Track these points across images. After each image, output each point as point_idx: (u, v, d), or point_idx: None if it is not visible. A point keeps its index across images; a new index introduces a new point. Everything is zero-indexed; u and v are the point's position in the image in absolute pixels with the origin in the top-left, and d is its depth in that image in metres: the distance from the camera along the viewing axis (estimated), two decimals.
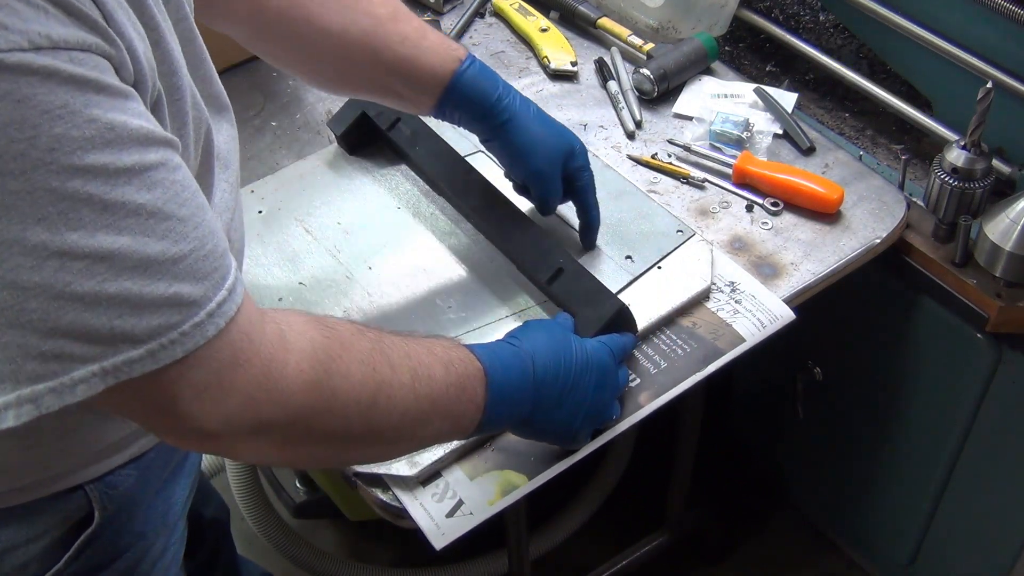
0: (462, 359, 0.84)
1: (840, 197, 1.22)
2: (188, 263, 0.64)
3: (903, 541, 1.61)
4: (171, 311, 0.63)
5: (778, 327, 1.11)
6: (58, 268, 0.59)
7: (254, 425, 0.70)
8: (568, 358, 0.92)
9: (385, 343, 0.79)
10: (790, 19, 1.56)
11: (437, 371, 0.81)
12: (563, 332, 0.95)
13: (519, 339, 0.92)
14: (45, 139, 0.57)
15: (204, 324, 0.65)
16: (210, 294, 0.65)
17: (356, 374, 0.74)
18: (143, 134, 0.62)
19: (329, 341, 0.74)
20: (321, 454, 0.79)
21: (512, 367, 0.88)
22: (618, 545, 1.74)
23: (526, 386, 0.88)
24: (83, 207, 0.59)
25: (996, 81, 1.16)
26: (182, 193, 0.64)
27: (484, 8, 1.58)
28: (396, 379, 0.77)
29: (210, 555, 1.32)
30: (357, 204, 1.26)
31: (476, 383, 0.84)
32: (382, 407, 0.76)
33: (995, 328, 1.21)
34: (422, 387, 0.79)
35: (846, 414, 1.57)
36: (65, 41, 0.57)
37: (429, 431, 0.83)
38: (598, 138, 1.35)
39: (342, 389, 0.73)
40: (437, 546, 0.96)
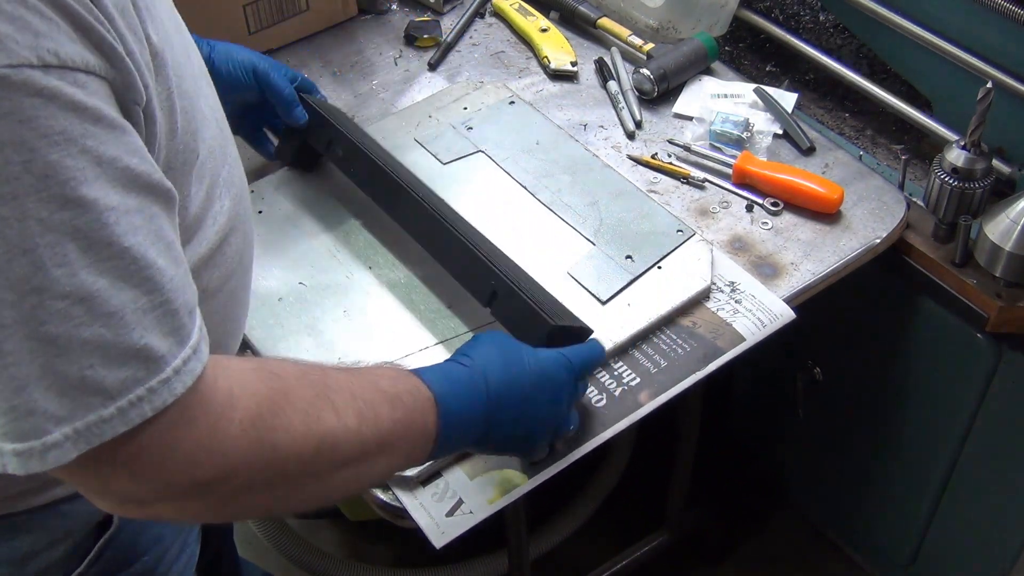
0: (410, 391, 0.81)
1: (840, 197, 1.22)
2: (160, 314, 0.62)
3: (903, 541, 1.61)
4: (139, 365, 0.61)
5: (778, 327, 1.11)
6: (36, 306, 0.57)
7: (190, 486, 0.66)
8: (521, 373, 0.89)
9: (330, 385, 0.76)
10: (790, 19, 1.56)
11: (384, 410, 0.78)
12: (515, 345, 0.93)
13: (470, 356, 0.89)
14: (40, 164, 0.55)
15: (171, 382, 0.62)
16: (175, 351, 0.63)
17: (298, 427, 0.71)
18: (134, 174, 0.60)
19: (273, 393, 0.71)
20: (260, 508, 0.76)
21: (463, 390, 0.85)
22: (618, 545, 1.74)
23: (478, 407, 0.86)
24: (70, 242, 0.57)
25: (996, 81, 1.16)
26: (160, 242, 0.62)
27: (484, 8, 1.58)
28: (341, 425, 0.74)
29: (212, 558, 1.32)
30: (357, 203, 1.26)
31: (426, 414, 0.82)
32: (325, 457, 0.74)
33: (995, 328, 1.21)
34: (368, 429, 0.76)
35: (846, 414, 1.57)
36: (72, 61, 0.56)
37: (378, 469, 0.80)
38: (598, 138, 1.35)
39: (283, 444, 0.70)
40: (437, 545, 0.96)
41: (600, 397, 1.05)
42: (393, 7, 1.60)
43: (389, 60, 1.50)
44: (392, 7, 1.60)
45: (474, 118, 1.35)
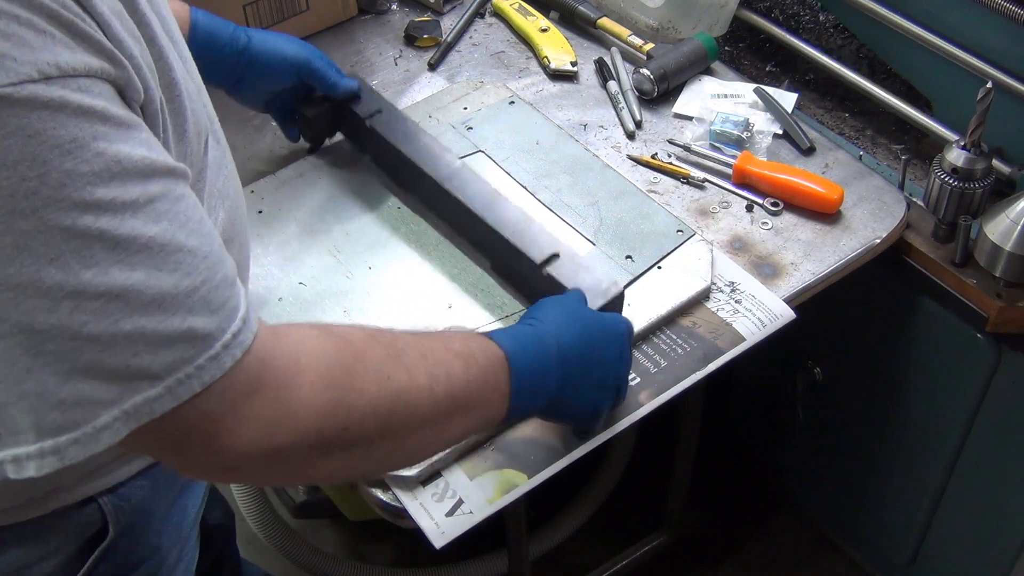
0: (482, 350, 0.82)
1: (840, 197, 1.22)
2: (201, 295, 0.63)
3: (903, 541, 1.61)
4: (186, 345, 0.62)
5: (778, 326, 1.11)
6: (73, 309, 0.58)
7: (270, 452, 0.68)
8: (590, 333, 0.90)
9: (399, 347, 0.76)
10: (790, 19, 1.56)
11: (456, 368, 0.78)
12: (579, 306, 0.94)
13: (538, 319, 0.90)
14: (55, 175, 0.56)
15: (220, 356, 0.63)
16: (224, 325, 0.64)
17: (371, 388, 0.72)
18: (147, 164, 0.61)
19: (342, 356, 0.72)
20: (343, 471, 0.76)
21: (534, 350, 0.85)
22: (618, 545, 1.74)
23: (550, 367, 0.86)
24: (95, 244, 0.58)
25: (996, 81, 1.16)
26: (188, 223, 0.63)
27: (484, 8, 1.58)
28: (413, 384, 0.75)
29: (214, 561, 1.32)
30: (357, 203, 1.26)
31: (499, 373, 0.82)
32: (400, 416, 0.74)
33: (995, 328, 1.21)
34: (441, 388, 0.77)
35: (846, 414, 1.57)
36: (73, 68, 0.56)
37: (455, 430, 0.81)
38: (598, 138, 1.35)
39: (358, 405, 0.71)
40: (437, 545, 0.96)
41: None
42: (393, 7, 1.60)
43: (389, 60, 1.50)
44: (392, 7, 1.60)
45: (474, 118, 1.35)
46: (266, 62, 1.17)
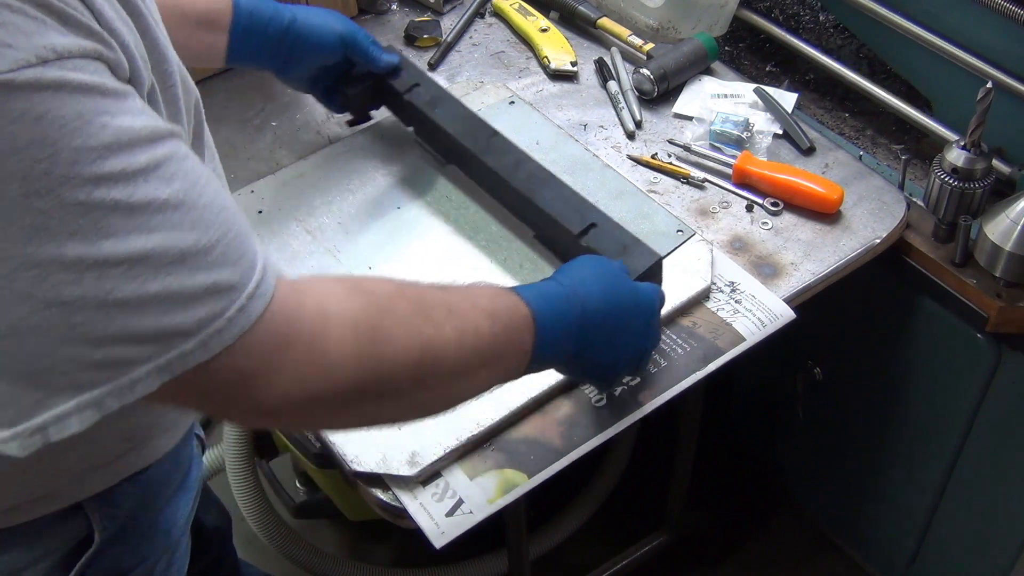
0: (508, 308, 0.83)
1: (840, 197, 1.22)
2: (221, 249, 0.64)
3: (903, 541, 1.61)
4: (213, 299, 0.63)
5: (778, 326, 1.11)
6: (98, 277, 0.59)
7: (307, 400, 0.70)
8: (619, 296, 0.91)
9: (427, 301, 0.78)
10: (790, 19, 1.56)
11: (483, 323, 0.80)
12: (615, 271, 0.95)
13: (569, 276, 0.91)
14: (66, 154, 0.57)
15: (247, 307, 0.65)
16: (247, 276, 0.65)
17: (401, 338, 0.74)
18: (151, 130, 0.62)
19: (370, 307, 0.74)
20: (374, 416, 0.79)
21: (559, 308, 0.87)
22: (618, 545, 1.74)
23: (572, 326, 0.88)
24: (112, 214, 0.59)
25: (996, 81, 1.16)
26: (198, 181, 0.64)
27: (484, 8, 1.58)
28: (440, 337, 0.76)
29: (211, 563, 1.32)
30: (357, 203, 1.26)
31: (523, 330, 0.84)
32: (428, 366, 0.76)
33: (995, 328, 1.21)
34: (468, 341, 0.78)
35: (846, 414, 1.57)
36: (68, 51, 0.57)
37: (477, 382, 0.83)
38: (598, 138, 1.35)
39: (387, 355, 0.73)
40: (437, 545, 0.96)
41: (600, 397, 1.05)
42: (393, 7, 1.60)
43: None
44: (392, 7, 1.60)
45: None
46: (314, 39, 1.19)
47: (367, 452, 1.00)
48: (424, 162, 1.30)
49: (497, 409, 1.03)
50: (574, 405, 1.05)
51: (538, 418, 1.04)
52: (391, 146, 1.33)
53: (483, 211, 1.24)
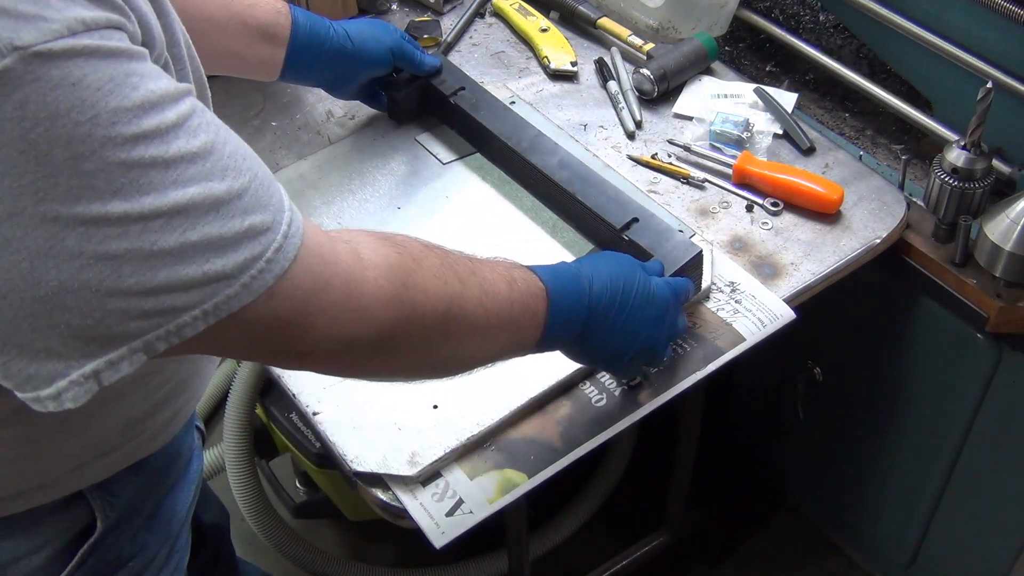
0: (524, 278, 0.87)
1: (840, 197, 1.22)
2: (252, 193, 0.66)
3: (903, 541, 1.61)
4: (251, 242, 0.66)
5: (778, 327, 1.11)
6: (142, 231, 0.61)
7: (343, 342, 0.73)
8: (628, 287, 0.93)
9: (452, 259, 0.82)
10: (790, 19, 1.56)
11: (502, 287, 0.84)
12: (631, 264, 0.97)
13: (581, 262, 0.95)
14: (105, 115, 0.59)
15: (284, 247, 0.67)
16: (278, 217, 0.68)
17: (431, 287, 0.77)
18: (173, 88, 0.64)
19: (401, 257, 0.76)
20: (405, 364, 0.81)
21: (570, 286, 0.90)
22: (618, 545, 1.74)
23: (580, 307, 0.90)
24: (150, 171, 0.61)
25: (996, 81, 1.16)
26: (220, 130, 0.67)
27: (484, 8, 1.58)
28: (466, 292, 0.80)
29: (209, 559, 1.32)
30: (357, 203, 1.26)
31: (538, 301, 0.87)
32: (455, 317, 0.79)
33: (995, 328, 1.21)
34: (489, 301, 0.82)
35: (846, 414, 1.57)
36: (96, 22, 0.60)
37: (496, 345, 0.86)
38: (598, 138, 1.35)
39: (419, 301, 0.76)
40: (437, 545, 0.96)
41: (600, 397, 1.05)
42: (393, 7, 1.60)
43: None
44: (392, 7, 1.60)
45: None
46: (368, 55, 1.23)
47: (367, 452, 1.00)
48: (424, 162, 1.31)
49: (497, 409, 1.03)
50: (574, 405, 1.05)
51: (538, 418, 1.04)
52: (391, 146, 1.33)
53: (483, 211, 1.24)
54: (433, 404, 1.04)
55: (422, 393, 1.05)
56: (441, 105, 1.32)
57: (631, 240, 1.12)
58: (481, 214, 1.24)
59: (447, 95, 1.30)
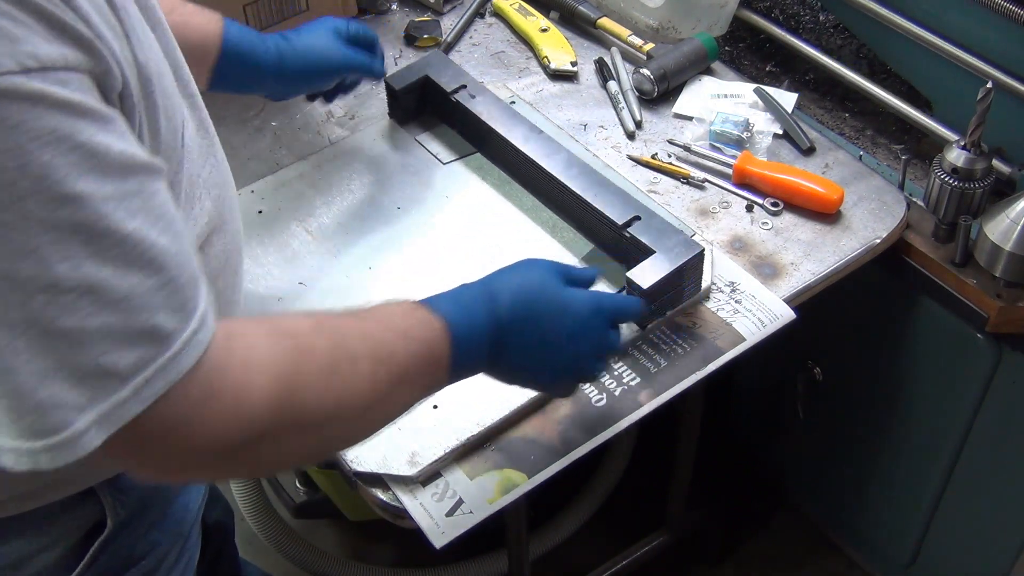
0: (421, 323, 0.82)
1: (840, 197, 1.22)
2: (166, 293, 0.63)
3: (903, 541, 1.61)
4: (149, 344, 0.62)
5: (778, 327, 1.11)
6: (46, 303, 0.58)
7: (224, 451, 0.69)
8: (539, 299, 0.89)
9: (343, 332, 0.77)
10: (790, 19, 1.56)
11: (397, 346, 0.79)
12: (544, 272, 0.91)
13: (491, 276, 0.90)
14: (35, 167, 0.56)
15: (180, 355, 0.63)
16: (184, 324, 0.64)
17: (320, 382, 0.73)
18: (126, 159, 0.61)
19: (290, 353, 0.72)
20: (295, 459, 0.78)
21: (474, 311, 0.85)
22: (618, 545, 1.73)
23: (486, 328, 0.86)
24: (71, 237, 0.58)
25: (996, 81, 1.16)
26: (160, 220, 0.63)
27: (484, 8, 1.58)
28: (358, 371, 0.76)
29: (212, 559, 1.32)
30: (357, 203, 1.26)
31: (439, 343, 0.82)
32: (347, 404, 0.76)
33: (995, 328, 1.21)
34: (384, 369, 0.78)
35: (846, 414, 1.57)
36: (52, 62, 0.57)
37: (398, 403, 0.82)
38: (598, 138, 1.35)
39: (308, 400, 0.72)
40: (437, 545, 0.96)
41: (600, 397, 1.05)
42: (393, 7, 1.60)
43: (389, 60, 1.49)
44: (392, 7, 1.60)
45: None
46: (304, 74, 1.18)
47: (367, 452, 1.00)
48: (424, 162, 1.31)
49: (497, 409, 1.03)
50: (574, 405, 1.05)
51: (538, 418, 1.04)
52: (391, 146, 1.33)
53: (483, 211, 1.24)
54: (433, 404, 1.04)
55: None
56: (442, 103, 1.32)
57: (633, 237, 1.11)
58: (481, 214, 1.24)
59: (448, 93, 1.30)
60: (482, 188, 1.27)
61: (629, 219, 1.13)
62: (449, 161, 1.30)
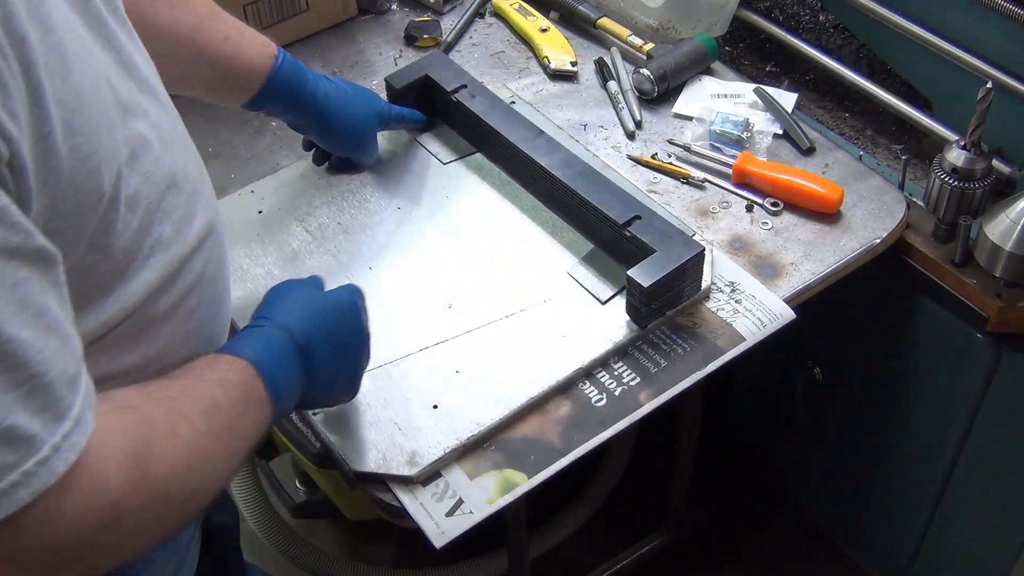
0: (229, 368, 0.81)
1: (840, 197, 1.22)
2: (24, 391, 0.58)
3: (903, 542, 1.61)
4: (8, 448, 0.57)
5: (778, 326, 1.11)
6: None
7: (88, 540, 0.65)
8: (325, 315, 0.92)
9: (170, 395, 0.75)
10: (790, 19, 1.56)
11: (218, 396, 0.78)
12: (307, 292, 0.95)
13: (263, 316, 0.90)
14: None
15: (51, 460, 0.59)
16: (51, 427, 0.59)
17: (168, 450, 0.71)
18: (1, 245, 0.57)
19: (136, 427, 0.69)
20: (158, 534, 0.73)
21: (269, 343, 0.86)
22: (618, 545, 1.74)
23: (290, 355, 0.87)
24: None
25: (996, 81, 1.16)
26: (24, 313, 0.58)
27: (484, 8, 1.58)
28: (196, 430, 0.74)
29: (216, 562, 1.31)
30: (357, 203, 1.26)
31: (254, 383, 0.82)
32: (196, 466, 0.74)
33: (995, 328, 1.21)
34: (215, 423, 0.76)
35: (846, 414, 1.57)
36: None
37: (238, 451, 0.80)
38: (598, 138, 1.35)
39: (162, 472, 0.70)
40: (437, 545, 0.96)
41: (600, 397, 1.05)
42: (393, 7, 1.60)
43: (389, 60, 1.50)
44: (392, 7, 1.60)
45: None
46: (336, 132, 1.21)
47: (367, 452, 1.00)
48: (424, 162, 1.31)
49: (497, 409, 1.03)
50: (574, 405, 1.05)
51: (538, 418, 1.04)
52: (391, 146, 1.33)
53: (482, 210, 1.24)
54: (433, 404, 1.04)
55: (422, 393, 1.05)
56: (442, 103, 1.32)
57: (633, 236, 1.12)
58: (481, 214, 1.24)
59: (449, 92, 1.30)
60: (482, 188, 1.27)
61: (629, 219, 1.13)
62: (449, 161, 1.30)
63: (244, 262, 1.19)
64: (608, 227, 1.15)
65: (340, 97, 1.19)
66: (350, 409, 1.04)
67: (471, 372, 1.07)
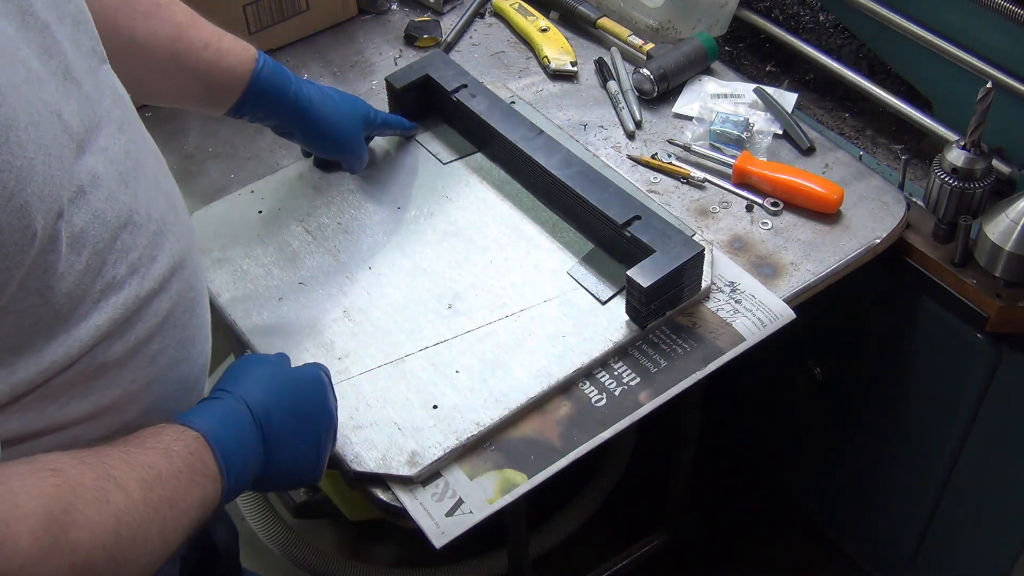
0: (176, 439, 0.78)
1: (840, 197, 1.22)
2: None
3: (903, 541, 1.61)
4: None
5: (778, 326, 1.11)
6: None
7: None
8: (288, 389, 0.89)
9: (107, 462, 0.72)
10: (790, 19, 1.56)
11: (161, 466, 0.75)
12: (266, 360, 0.93)
13: (223, 388, 0.88)
14: None
15: None
16: None
17: (92, 517, 0.67)
18: None
19: (57, 491, 0.66)
20: None
21: (228, 421, 0.83)
22: (618, 545, 1.74)
23: (247, 431, 0.84)
24: None
25: (996, 81, 1.16)
26: None
27: (484, 8, 1.58)
28: (129, 499, 0.71)
29: None
30: (357, 203, 1.26)
31: (203, 455, 0.79)
32: (125, 536, 0.70)
33: (995, 328, 1.21)
34: (154, 493, 0.73)
35: (846, 414, 1.57)
36: None
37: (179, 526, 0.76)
38: (598, 138, 1.35)
39: (82, 539, 0.66)
40: (437, 545, 0.96)
41: (600, 397, 1.05)
42: (393, 7, 1.60)
43: (389, 60, 1.50)
44: (392, 7, 1.60)
45: None
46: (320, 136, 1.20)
47: (367, 452, 1.00)
48: (424, 162, 1.31)
49: (497, 409, 1.03)
50: (574, 405, 1.05)
51: (538, 418, 1.04)
52: (391, 146, 1.33)
53: (482, 210, 1.24)
54: (433, 404, 1.04)
55: (422, 393, 1.05)
56: (442, 103, 1.32)
57: (633, 236, 1.12)
58: (481, 214, 1.24)
59: (449, 92, 1.30)
60: (482, 188, 1.27)
61: (629, 219, 1.13)
62: (449, 161, 1.30)
63: (244, 262, 1.19)
64: (608, 227, 1.15)
65: (324, 100, 1.17)
66: (350, 409, 1.04)
67: (471, 372, 1.07)
